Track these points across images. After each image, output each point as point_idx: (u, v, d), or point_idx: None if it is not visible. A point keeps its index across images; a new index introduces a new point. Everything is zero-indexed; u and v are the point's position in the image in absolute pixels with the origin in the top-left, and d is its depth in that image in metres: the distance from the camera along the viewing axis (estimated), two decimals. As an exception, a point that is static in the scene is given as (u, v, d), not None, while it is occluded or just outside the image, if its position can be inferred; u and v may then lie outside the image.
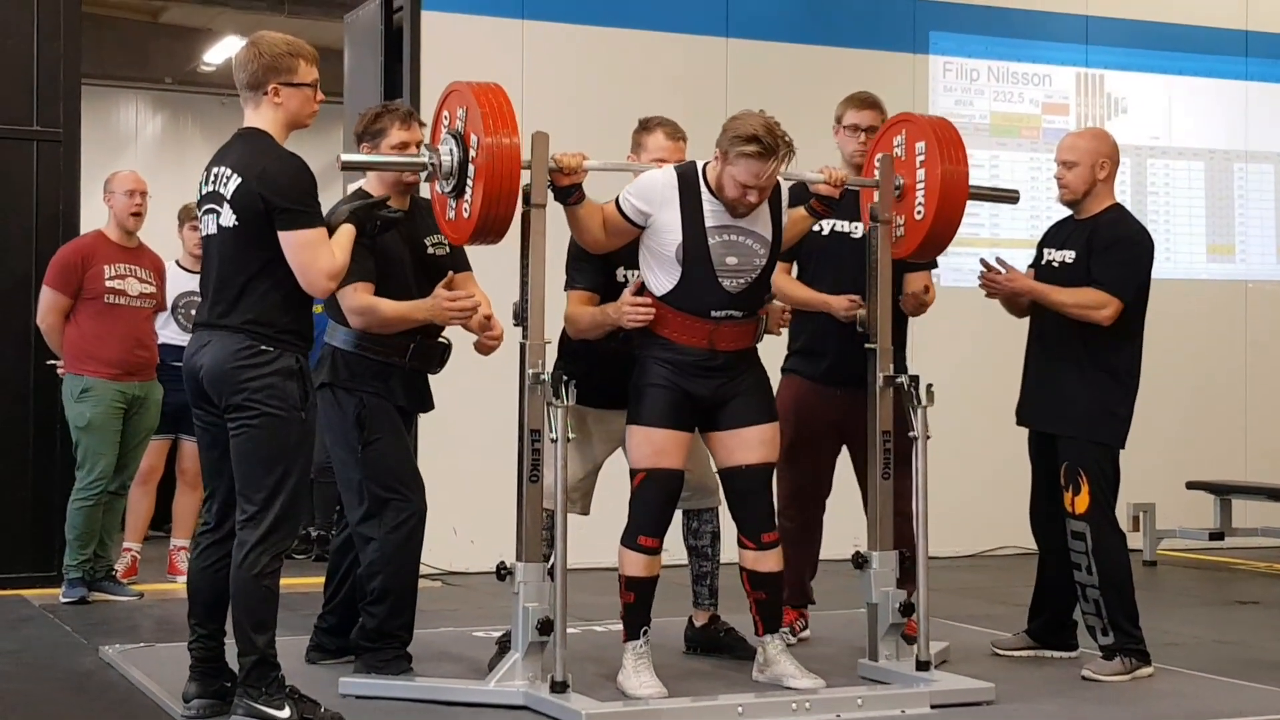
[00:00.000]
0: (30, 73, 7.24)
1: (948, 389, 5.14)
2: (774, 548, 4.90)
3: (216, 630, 4.40)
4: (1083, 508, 5.21)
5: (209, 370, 4.23)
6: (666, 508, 4.82)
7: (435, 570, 7.65)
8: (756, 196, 4.71)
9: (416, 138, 4.97)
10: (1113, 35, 9.28)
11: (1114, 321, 5.23)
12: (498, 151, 4.39)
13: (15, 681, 5.10)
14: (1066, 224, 5.51)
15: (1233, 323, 9.51)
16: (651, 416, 4.76)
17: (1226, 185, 9.65)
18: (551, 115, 7.25)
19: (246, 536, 4.21)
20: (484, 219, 4.44)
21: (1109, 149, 5.40)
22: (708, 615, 5.50)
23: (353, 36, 8.66)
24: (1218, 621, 6.78)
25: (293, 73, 4.29)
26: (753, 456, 4.87)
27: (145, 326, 6.88)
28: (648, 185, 4.81)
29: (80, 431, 6.72)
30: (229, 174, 4.25)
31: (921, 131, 5.16)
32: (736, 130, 4.64)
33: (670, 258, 4.75)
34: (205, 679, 4.40)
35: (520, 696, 4.56)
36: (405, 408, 4.96)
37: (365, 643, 4.90)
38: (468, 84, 4.56)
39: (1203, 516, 8.74)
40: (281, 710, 4.20)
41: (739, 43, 8.44)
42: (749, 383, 4.89)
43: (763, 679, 4.95)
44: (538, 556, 4.61)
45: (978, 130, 9.00)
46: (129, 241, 6.89)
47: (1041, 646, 5.54)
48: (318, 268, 4.18)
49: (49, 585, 6.89)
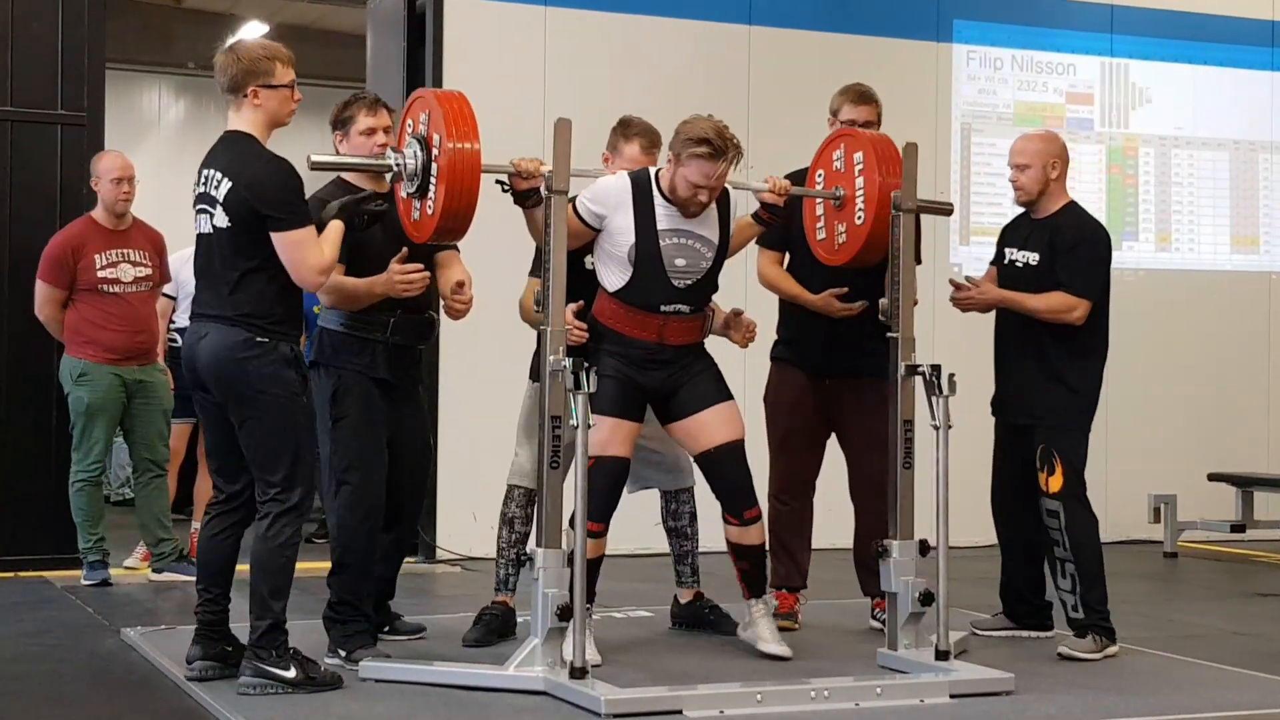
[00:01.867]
0: (54, 57, 7.26)
1: (966, 378, 5.15)
2: (756, 522, 5.14)
3: (221, 594, 4.69)
4: (1056, 487, 5.42)
5: (206, 362, 4.53)
6: (611, 493, 5.00)
7: (455, 555, 7.67)
8: (707, 196, 4.95)
9: (384, 123, 5.14)
10: (1138, 24, 9.23)
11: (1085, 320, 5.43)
12: (459, 155, 4.51)
13: (37, 663, 5.13)
14: (1024, 222, 5.68)
15: (1256, 314, 9.47)
16: (605, 406, 4.90)
17: (1251, 176, 9.60)
18: (573, 102, 7.27)
19: (271, 509, 4.54)
20: (444, 219, 4.57)
21: (1059, 150, 5.59)
22: (692, 593, 5.70)
23: (375, 23, 8.66)
24: (1238, 614, 6.76)
25: (270, 75, 4.56)
26: (720, 436, 5.08)
27: (144, 310, 6.84)
28: (602, 190, 5.05)
29: (77, 415, 6.73)
30: (220, 178, 4.51)
31: (860, 144, 5.33)
32: (688, 133, 4.89)
33: (623, 258, 5.00)
34: (208, 641, 4.67)
35: (540, 682, 4.57)
36: (389, 380, 5.07)
37: (330, 614, 5.01)
38: (431, 91, 4.72)
39: (1224, 508, 8.72)
40: (288, 670, 4.50)
41: (761, 30, 8.41)
42: (697, 369, 5.12)
43: (744, 637, 5.26)
44: (557, 543, 4.63)
45: (1001, 120, 8.97)
46: (120, 224, 6.82)
47: (1019, 627, 5.70)
48: (308, 264, 4.48)
49: (71, 567, 6.93)
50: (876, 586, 5.33)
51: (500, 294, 5.67)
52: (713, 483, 5.15)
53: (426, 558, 7.67)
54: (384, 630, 5.35)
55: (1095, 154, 9.18)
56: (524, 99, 7.69)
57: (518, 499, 5.39)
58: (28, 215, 7.18)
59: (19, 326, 7.11)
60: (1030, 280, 5.51)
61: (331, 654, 4.93)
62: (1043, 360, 5.47)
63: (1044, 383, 5.47)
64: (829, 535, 6.04)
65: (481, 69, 7.72)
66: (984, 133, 8.94)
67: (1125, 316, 8.69)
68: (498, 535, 5.42)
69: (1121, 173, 9.30)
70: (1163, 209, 9.38)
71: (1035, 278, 5.50)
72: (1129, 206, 9.31)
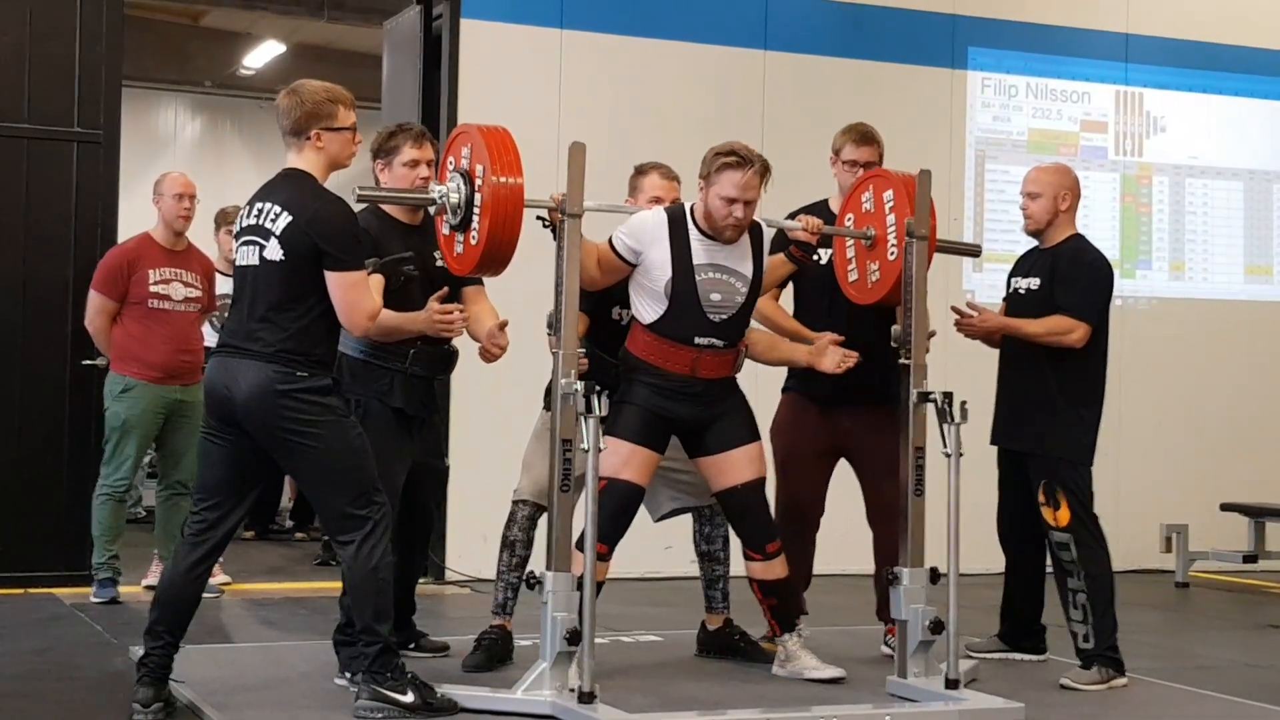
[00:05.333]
0: (72, 74, 7.28)
1: (977, 406, 5.15)
2: (779, 555, 5.15)
3: (179, 638, 4.59)
4: (1065, 521, 5.44)
5: (245, 400, 4.43)
6: (618, 517, 4.99)
7: (464, 577, 7.67)
8: (743, 211, 4.96)
9: (428, 156, 5.18)
10: (1153, 54, 9.23)
11: (1085, 344, 5.45)
12: (503, 190, 4.53)
13: (45, 680, 5.12)
14: (1032, 253, 5.77)
15: (1270, 344, 9.44)
16: (625, 430, 4.97)
17: (1265, 206, 9.59)
18: (588, 125, 7.30)
19: (353, 535, 4.49)
20: (488, 251, 4.58)
21: (1071, 182, 5.67)
22: (722, 619, 5.64)
23: (392, 43, 8.69)
24: (1249, 645, 6.73)
25: (333, 118, 4.55)
26: (745, 475, 5.12)
27: (191, 330, 6.91)
28: (638, 225, 5.06)
29: (112, 430, 6.77)
30: (278, 212, 4.47)
31: (890, 183, 5.37)
32: (715, 150, 5.01)
33: (659, 292, 5.01)
34: (159, 684, 4.55)
35: (548, 706, 4.56)
36: (405, 410, 5.07)
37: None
38: (476, 125, 4.71)
39: (1236, 539, 8.68)
40: (405, 695, 4.48)
41: (777, 55, 8.43)
42: (729, 406, 5.15)
43: (783, 673, 5.22)
44: (567, 566, 4.62)
45: (1015, 147, 8.98)
46: (177, 244, 6.93)
47: (1012, 649, 5.76)
48: (361, 308, 4.47)
49: (81, 584, 6.93)
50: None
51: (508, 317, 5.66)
52: (734, 519, 5.19)
53: (436, 579, 7.67)
54: (409, 647, 5.35)
55: (1109, 182, 9.17)
56: (539, 122, 7.70)
57: (520, 521, 5.38)
58: (44, 232, 7.19)
59: (35, 341, 7.13)
60: (1032, 306, 5.56)
61: (341, 675, 4.92)
62: (1042, 389, 5.49)
63: (1041, 411, 5.49)
64: (840, 561, 6.04)
65: (497, 91, 7.74)
66: (998, 160, 8.95)
67: (1138, 344, 8.72)
68: (498, 558, 5.41)
69: (1135, 201, 9.29)
70: (1176, 238, 9.36)
71: (1037, 303, 5.55)
72: (1143, 235, 9.30)
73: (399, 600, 5.27)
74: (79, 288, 7.03)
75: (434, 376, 5.20)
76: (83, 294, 6.93)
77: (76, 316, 7.02)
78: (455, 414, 7.67)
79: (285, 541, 9.34)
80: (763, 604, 5.21)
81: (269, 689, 4.95)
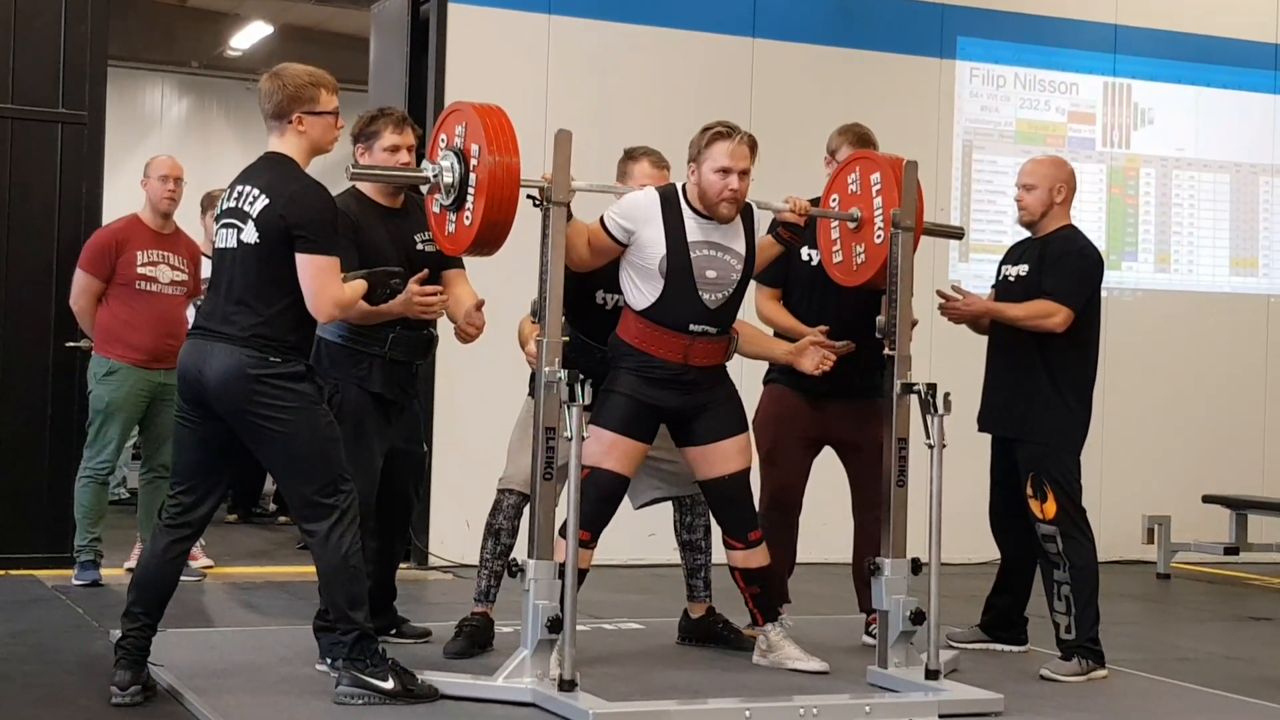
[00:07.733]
0: (56, 54, 7.24)
1: (961, 397, 5.15)
2: (760, 544, 5.15)
3: (157, 620, 4.59)
4: (1051, 514, 5.45)
5: (217, 383, 4.40)
6: (601, 505, 4.97)
7: (446, 563, 7.66)
8: (737, 181, 4.94)
9: (409, 142, 5.17)
10: (1141, 45, 9.24)
11: (1066, 328, 5.44)
12: (500, 168, 4.49)
13: (25, 663, 5.11)
14: (1024, 243, 5.77)
15: (1254, 337, 9.47)
16: (610, 420, 4.96)
17: (1251, 199, 9.60)
18: (575, 111, 7.29)
19: (321, 523, 4.46)
20: (483, 231, 4.54)
21: (1067, 175, 5.68)
22: (704, 608, 5.65)
23: (379, 27, 8.66)
24: (1230, 637, 6.75)
25: (315, 102, 4.53)
26: (733, 465, 5.11)
27: (176, 314, 6.87)
28: (631, 204, 5.04)
29: (96, 412, 6.75)
30: (256, 194, 4.45)
31: (877, 165, 5.34)
32: (703, 128, 5.01)
33: (654, 270, 4.97)
34: (137, 666, 4.55)
35: (528, 693, 4.56)
36: (384, 395, 5.06)
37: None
38: (470, 104, 4.67)
39: (1218, 531, 8.71)
40: (385, 681, 4.49)
41: (765, 43, 8.41)
42: (719, 396, 5.13)
43: (764, 663, 5.25)
44: (549, 554, 4.61)
45: (1003, 137, 8.98)
46: (165, 227, 6.90)
47: (992, 640, 5.80)
48: (328, 294, 4.41)
49: (62, 566, 6.91)
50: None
51: (492, 301, 5.65)
52: (717, 507, 5.19)
53: (418, 564, 7.66)
54: (390, 632, 5.35)
55: (1096, 173, 9.18)
56: (526, 107, 7.64)
57: (506, 510, 5.37)
58: (27, 214, 7.16)
59: (17, 323, 7.11)
60: (1019, 291, 5.57)
61: (322, 660, 4.92)
62: (1031, 376, 5.49)
63: (1029, 398, 5.49)
64: (821, 550, 6.04)
65: (484, 75, 7.72)
66: (985, 150, 8.94)
67: (1122, 336, 8.73)
68: (482, 545, 5.39)
69: (1122, 193, 9.30)
70: (1162, 230, 9.38)
71: (1025, 289, 5.56)
72: (1129, 227, 9.31)
73: (379, 585, 5.27)
74: (62, 269, 7.01)
75: (413, 362, 5.20)
76: (66, 276, 6.90)
77: (60, 298, 7.00)
78: (439, 399, 7.67)
79: (268, 525, 9.35)
80: (744, 592, 5.21)
81: (250, 673, 4.94)
